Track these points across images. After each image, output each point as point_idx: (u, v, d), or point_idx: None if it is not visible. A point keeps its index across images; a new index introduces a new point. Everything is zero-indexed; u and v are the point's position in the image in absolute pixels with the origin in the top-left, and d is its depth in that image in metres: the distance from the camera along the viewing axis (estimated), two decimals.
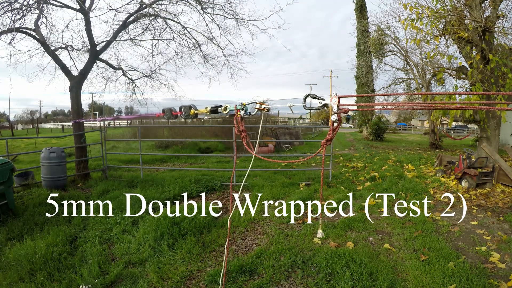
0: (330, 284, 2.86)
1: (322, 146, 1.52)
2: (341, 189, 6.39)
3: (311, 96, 1.56)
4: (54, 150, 6.15)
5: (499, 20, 8.00)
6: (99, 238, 3.80)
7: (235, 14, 7.76)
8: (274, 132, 15.60)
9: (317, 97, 1.49)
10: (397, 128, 40.30)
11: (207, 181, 6.66)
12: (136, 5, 7.14)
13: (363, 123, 28.56)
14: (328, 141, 1.49)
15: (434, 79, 12.39)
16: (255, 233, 4.15)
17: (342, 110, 1.39)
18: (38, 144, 15.97)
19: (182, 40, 8.08)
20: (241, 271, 3.06)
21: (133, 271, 3.06)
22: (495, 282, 2.88)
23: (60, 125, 54.33)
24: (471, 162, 6.83)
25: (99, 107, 63.40)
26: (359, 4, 27.04)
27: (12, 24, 6.01)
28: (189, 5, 7.54)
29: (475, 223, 4.55)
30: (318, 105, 1.46)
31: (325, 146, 1.52)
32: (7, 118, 68.37)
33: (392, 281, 2.89)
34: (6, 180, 4.51)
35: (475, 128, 29.74)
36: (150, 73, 8.64)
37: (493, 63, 7.13)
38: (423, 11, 7.58)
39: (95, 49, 7.17)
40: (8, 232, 3.93)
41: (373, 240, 3.92)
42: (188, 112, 2.18)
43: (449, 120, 8.54)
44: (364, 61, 21.84)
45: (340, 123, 1.44)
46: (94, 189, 6.13)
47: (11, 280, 2.85)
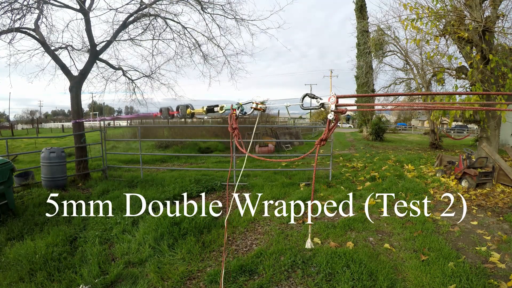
0: (330, 284, 2.86)
1: (316, 146, 1.49)
2: (341, 189, 6.39)
3: (309, 95, 1.55)
4: (54, 150, 6.15)
5: (499, 20, 8.00)
6: (99, 238, 3.80)
7: (235, 14, 7.77)
8: (274, 132, 15.61)
9: (315, 96, 1.48)
10: (397, 128, 40.29)
11: (207, 181, 6.66)
12: (136, 5, 7.14)
13: (363, 123, 28.56)
14: (323, 140, 1.46)
15: (434, 79, 12.39)
16: (255, 233, 4.15)
17: (340, 110, 1.37)
18: (38, 144, 15.97)
19: (182, 40, 8.09)
20: (241, 271, 3.06)
21: (133, 271, 3.06)
22: (495, 282, 2.88)
23: (60, 125, 54.35)
24: (471, 162, 6.83)
25: (99, 107, 63.39)
26: (359, 4, 27.03)
27: (12, 24, 6.02)
28: (189, 5, 7.54)
29: (475, 223, 4.55)
30: (316, 105, 1.44)
31: (319, 146, 1.49)
32: (7, 118, 68.37)
33: (392, 281, 2.89)
34: (6, 180, 4.51)
35: (475, 128, 29.74)
36: (150, 73, 8.64)
37: (493, 63, 7.13)
38: (423, 11, 7.58)
39: (95, 49, 7.17)
40: (8, 232, 3.93)
41: (373, 240, 3.92)
42: (184, 111, 2.18)
43: (449, 120, 8.54)
44: (364, 61, 21.83)
45: (336, 123, 1.42)
46: (94, 189, 6.13)
47: (11, 280, 2.85)
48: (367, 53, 20.83)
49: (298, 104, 1.58)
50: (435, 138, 16.47)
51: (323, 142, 1.47)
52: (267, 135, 14.87)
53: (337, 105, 1.37)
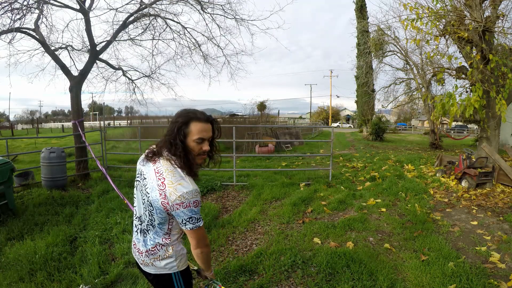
0: (330, 284, 2.85)
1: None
2: (341, 189, 6.39)
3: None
4: (54, 150, 6.15)
5: (499, 20, 8.00)
6: (99, 238, 3.80)
7: (235, 14, 7.76)
8: (274, 132, 15.61)
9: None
10: (397, 128, 40.28)
11: (207, 181, 6.66)
12: (136, 5, 7.14)
13: (363, 123, 28.53)
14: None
15: (434, 79, 12.40)
16: (255, 233, 4.15)
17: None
18: (38, 144, 15.97)
19: (182, 40, 8.08)
20: (241, 271, 3.06)
21: (133, 271, 3.06)
22: (495, 282, 2.88)
23: (60, 125, 54.35)
24: (471, 162, 6.83)
25: (99, 107, 63.40)
26: (359, 4, 27.05)
27: (12, 24, 6.01)
28: (189, 5, 7.54)
29: (475, 223, 4.55)
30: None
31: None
32: (7, 118, 68.40)
33: (392, 281, 2.89)
34: (6, 180, 4.51)
35: (475, 128, 29.74)
36: (150, 73, 8.64)
37: (493, 63, 7.13)
38: (423, 11, 7.57)
39: (95, 49, 7.17)
40: (8, 232, 3.93)
41: (373, 240, 3.92)
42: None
43: (449, 120, 8.53)
44: (364, 61, 21.82)
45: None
46: (94, 189, 6.13)
47: (11, 280, 2.85)
48: (367, 53, 20.83)
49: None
50: (435, 138, 16.47)
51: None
52: (267, 135, 14.86)
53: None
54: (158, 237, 1.46)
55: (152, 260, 1.47)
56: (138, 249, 1.53)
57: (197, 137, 1.39)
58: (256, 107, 29.18)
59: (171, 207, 1.34)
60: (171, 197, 1.32)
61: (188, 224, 1.36)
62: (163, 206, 1.35)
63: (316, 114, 59.32)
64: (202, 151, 1.44)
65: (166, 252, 1.46)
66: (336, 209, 5.12)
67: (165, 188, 1.34)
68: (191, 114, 1.42)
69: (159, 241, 1.46)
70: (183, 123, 1.40)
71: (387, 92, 18.15)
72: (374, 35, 17.24)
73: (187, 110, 1.45)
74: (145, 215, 1.47)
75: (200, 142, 1.41)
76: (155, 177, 1.39)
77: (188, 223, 1.36)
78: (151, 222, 1.45)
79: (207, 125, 1.43)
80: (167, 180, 1.35)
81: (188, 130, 1.39)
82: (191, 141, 1.40)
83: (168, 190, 1.33)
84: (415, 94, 18.14)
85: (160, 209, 1.38)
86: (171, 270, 1.49)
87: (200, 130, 1.40)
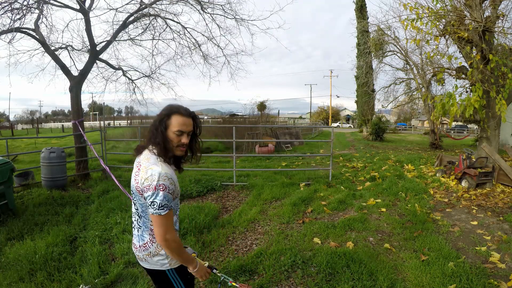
0: (330, 284, 2.85)
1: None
2: (341, 189, 6.39)
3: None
4: (54, 150, 6.15)
5: (499, 20, 7.99)
6: (99, 238, 3.80)
7: (235, 14, 7.77)
8: (274, 132, 15.60)
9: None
10: (397, 128, 40.28)
11: (207, 181, 6.66)
12: (136, 5, 7.14)
13: (363, 123, 28.53)
14: None
15: (434, 79, 12.40)
16: (255, 233, 4.15)
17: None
18: (38, 144, 15.97)
19: (182, 40, 8.08)
20: (241, 271, 3.06)
21: (133, 271, 3.06)
22: (495, 282, 2.88)
23: (60, 125, 54.34)
24: (471, 162, 6.83)
25: (99, 107, 63.39)
26: (359, 4, 27.04)
27: (12, 24, 6.01)
28: (189, 5, 7.54)
29: (475, 223, 4.55)
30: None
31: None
32: (7, 118, 68.39)
33: (392, 281, 2.89)
34: (6, 180, 4.51)
35: (475, 128, 29.73)
36: (150, 73, 8.64)
37: (493, 63, 7.12)
38: (423, 11, 7.57)
39: (95, 49, 7.17)
40: (8, 232, 3.93)
41: (373, 240, 3.92)
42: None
43: (449, 120, 8.53)
44: (364, 61, 21.82)
45: None
46: (94, 189, 6.13)
47: (11, 280, 2.85)
48: (367, 53, 20.83)
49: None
50: (435, 138, 16.46)
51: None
52: (267, 135, 14.86)
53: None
54: (147, 234, 1.50)
55: (145, 255, 1.52)
56: (134, 244, 1.58)
57: (176, 129, 1.46)
58: (256, 107, 29.17)
59: (142, 190, 1.39)
60: (141, 180, 1.39)
61: (150, 209, 1.38)
62: (138, 190, 1.42)
63: (316, 114, 59.33)
64: (181, 143, 1.50)
65: (157, 249, 1.50)
66: (336, 209, 5.12)
67: (139, 173, 1.42)
68: (174, 108, 1.50)
69: (148, 238, 1.50)
70: (166, 115, 1.47)
71: (387, 92, 18.17)
72: (374, 35, 17.23)
73: (172, 105, 1.53)
74: (134, 207, 1.54)
75: (180, 134, 1.48)
76: (135, 165, 1.51)
77: (150, 207, 1.38)
78: (137, 212, 1.52)
79: (188, 119, 1.50)
80: (142, 166, 1.43)
81: (169, 122, 1.47)
82: (171, 132, 1.47)
83: (140, 174, 1.41)
84: (415, 94, 18.15)
85: (138, 196, 1.44)
86: (163, 266, 1.52)
87: (180, 123, 1.46)
